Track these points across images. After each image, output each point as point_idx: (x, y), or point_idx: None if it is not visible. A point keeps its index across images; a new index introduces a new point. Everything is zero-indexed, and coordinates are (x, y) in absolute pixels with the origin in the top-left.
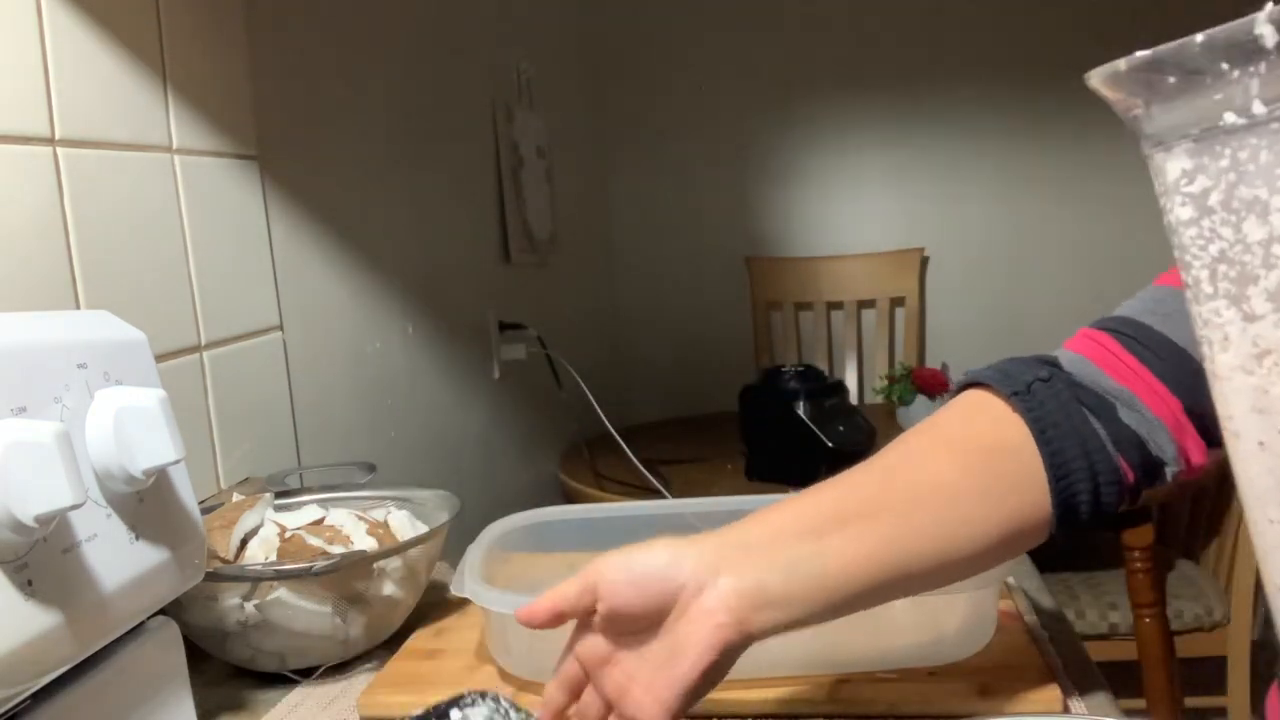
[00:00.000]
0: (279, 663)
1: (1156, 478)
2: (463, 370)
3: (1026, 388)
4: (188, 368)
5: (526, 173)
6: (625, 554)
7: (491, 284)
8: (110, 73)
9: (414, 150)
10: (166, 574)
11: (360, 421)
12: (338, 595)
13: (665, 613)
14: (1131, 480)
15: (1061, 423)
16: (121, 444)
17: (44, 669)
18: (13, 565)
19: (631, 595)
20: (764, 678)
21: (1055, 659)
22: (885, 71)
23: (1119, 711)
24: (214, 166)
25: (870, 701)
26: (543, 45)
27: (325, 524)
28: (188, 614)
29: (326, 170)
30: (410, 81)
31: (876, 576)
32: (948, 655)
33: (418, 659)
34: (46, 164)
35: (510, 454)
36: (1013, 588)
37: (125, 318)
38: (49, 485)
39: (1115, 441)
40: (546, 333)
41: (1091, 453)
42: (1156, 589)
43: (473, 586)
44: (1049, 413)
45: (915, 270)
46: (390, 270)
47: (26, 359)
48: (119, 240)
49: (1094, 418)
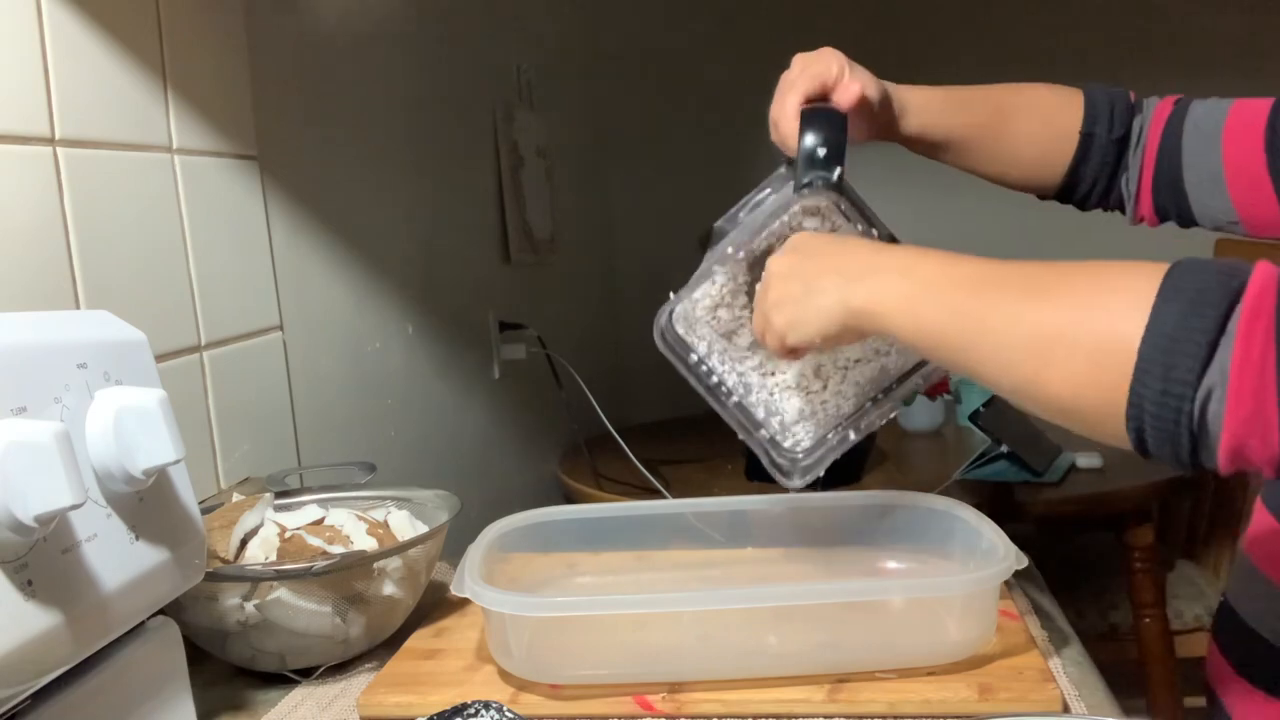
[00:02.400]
0: (279, 663)
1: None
2: (463, 370)
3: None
4: (188, 368)
5: (526, 173)
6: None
7: (491, 284)
8: (110, 73)
9: (414, 150)
10: (166, 574)
11: (360, 421)
12: (338, 595)
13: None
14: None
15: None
16: (121, 444)
17: (44, 669)
18: (13, 565)
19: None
20: (764, 678)
21: (1055, 659)
22: (885, 71)
23: (1119, 711)
24: (214, 166)
25: (870, 701)
26: (543, 45)
27: (325, 524)
28: (188, 614)
29: (326, 170)
30: (410, 81)
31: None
32: (948, 655)
33: (418, 659)
34: (46, 164)
35: (510, 454)
36: (1013, 588)
37: (125, 318)
38: (49, 485)
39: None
40: (546, 333)
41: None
42: (1156, 589)
43: (473, 586)
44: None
45: None
46: (390, 270)
47: (26, 359)
48: (119, 240)
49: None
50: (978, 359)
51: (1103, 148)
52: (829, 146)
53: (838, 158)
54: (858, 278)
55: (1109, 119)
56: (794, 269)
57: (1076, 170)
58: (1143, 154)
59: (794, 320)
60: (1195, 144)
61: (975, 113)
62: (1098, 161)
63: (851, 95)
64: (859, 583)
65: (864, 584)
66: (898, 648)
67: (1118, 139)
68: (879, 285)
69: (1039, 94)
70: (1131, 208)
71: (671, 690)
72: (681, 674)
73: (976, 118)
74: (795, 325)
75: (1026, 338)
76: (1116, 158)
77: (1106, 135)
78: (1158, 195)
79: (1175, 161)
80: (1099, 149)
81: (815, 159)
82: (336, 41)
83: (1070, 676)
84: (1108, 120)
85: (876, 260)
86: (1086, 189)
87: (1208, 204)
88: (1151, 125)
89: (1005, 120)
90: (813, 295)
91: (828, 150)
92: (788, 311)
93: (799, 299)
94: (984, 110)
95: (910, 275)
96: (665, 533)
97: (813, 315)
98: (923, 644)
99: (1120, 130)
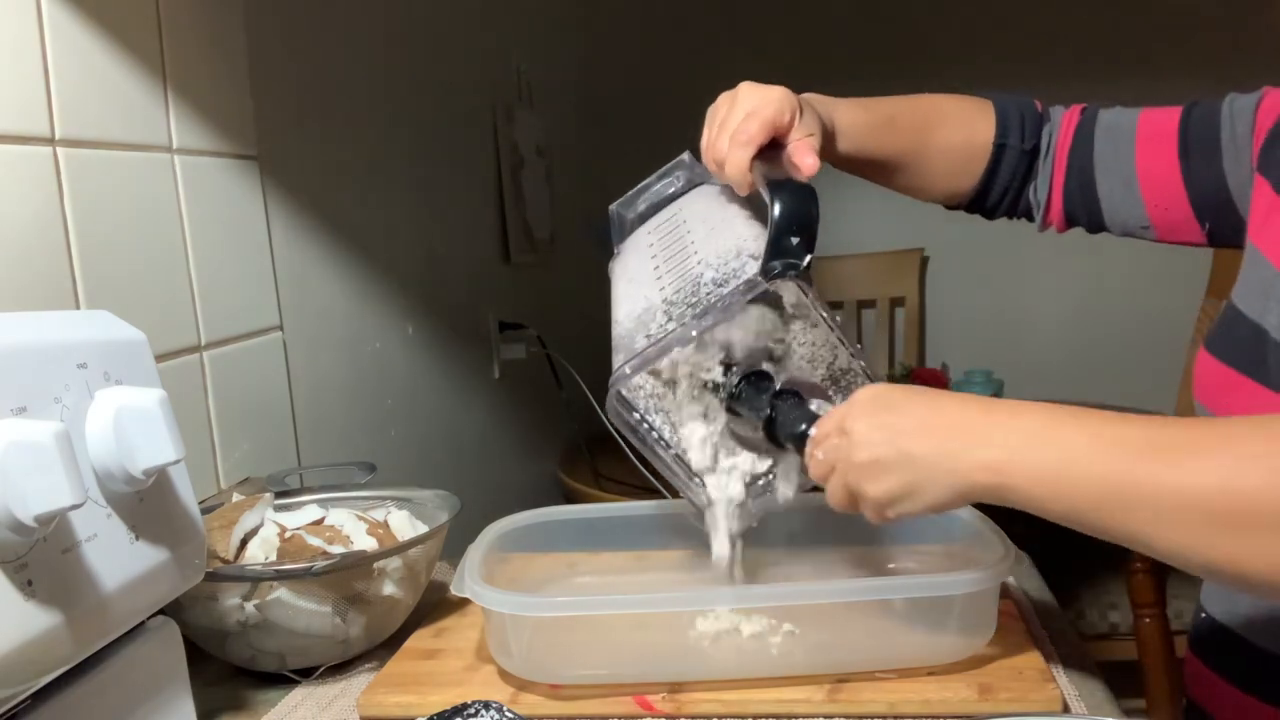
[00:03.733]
0: (279, 663)
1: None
2: (463, 370)
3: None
4: (188, 368)
5: (526, 173)
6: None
7: (491, 284)
8: (110, 73)
9: (414, 150)
10: (166, 574)
11: (360, 421)
12: (338, 595)
13: None
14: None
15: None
16: (121, 444)
17: (44, 669)
18: (13, 565)
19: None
20: (764, 678)
21: (1055, 659)
22: (885, 71)
23: (1119, 711)
24: (214, 166)
25: (870, 701)
26: (543, 45)
27: (325, 524)
28: (188, 614)
29: (326, 170)
30: (410, 81)
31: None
32: (948, 655)
33: (418, 659)
34: (46, 164)
35: (510, 454)
36: (1013, 588)
37: (125, 318)
38: (49, 485)
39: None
40: (546, 333)
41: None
42: (1156, 589)
43: (473, 586)
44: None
45: (915, 270)
46: (390, 270)
47: (26, 359)
48: (119, 240)
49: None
50: (1138, 528)
51: (1014, 158)
52: (803, 233)
53: (810, 244)
54: (978, 444)
55: (1020, 129)
56: (886, 430)
57: (989, 180)
58: (1053, 162)
59: (899, 493)
60: (1108, 149)
61: (899, 134)
62: (1009, 172)
63: (811, 167)
64: (859, 582)
65: (864, 584)
66: (898, 648)
67: (1029, 149)
68: (1009, 453)
69: (955, 106)
70: (1040, 215)
71: (671, 690)
72: (681, 674)
73: (900, 139)
74: (902, 498)
75: (1206, 509)
76: (1027, 168)
77: (1019, 145)
78: (1069, 201)
79: (1088, 166)
80: (1010, 160)
81: (787, 246)
82: (336, 42)
83: (1070, 676)
84: (1019, 131)
85: (991, 421)
86: (996, 199)
87: (1120, 208)
88: (1061, 133)
89: (927, 138)
90: (919, 464)
91: (800, 237)
92: (888, 482)
93: (900, 467)
94: (908, 130)
95: (1049, 441)
96: (665, 533)
97: (925, 487)
98: (923, 644)
99: (1031, 141)
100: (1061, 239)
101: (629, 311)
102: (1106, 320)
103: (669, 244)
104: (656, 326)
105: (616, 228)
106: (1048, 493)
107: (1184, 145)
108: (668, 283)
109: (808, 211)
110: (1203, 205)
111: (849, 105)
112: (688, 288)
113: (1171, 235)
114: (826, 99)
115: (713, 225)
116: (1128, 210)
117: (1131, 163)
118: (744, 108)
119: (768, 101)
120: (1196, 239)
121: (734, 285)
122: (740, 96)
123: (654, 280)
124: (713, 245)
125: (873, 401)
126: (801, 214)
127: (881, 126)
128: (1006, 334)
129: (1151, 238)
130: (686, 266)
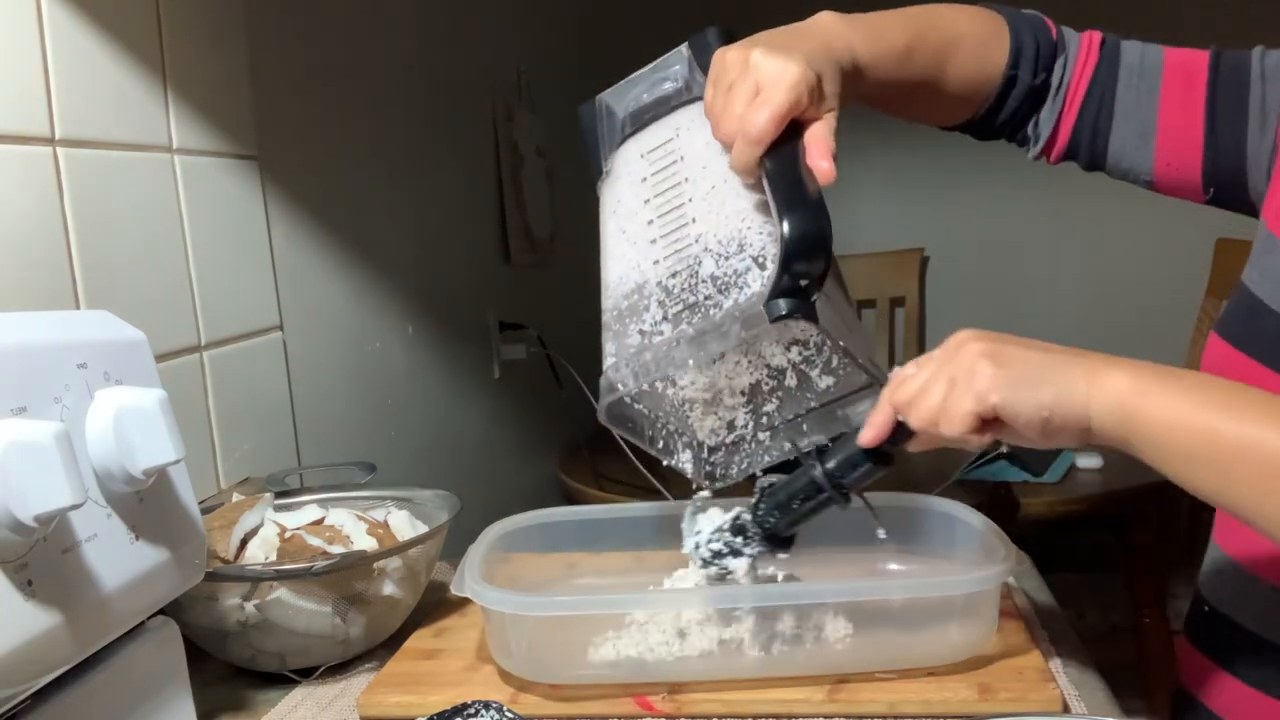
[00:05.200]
0: (279, 663)
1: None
2: (463, 370)
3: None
4: (188, 368)
5: (526, 173)
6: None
7: (491, 284)
8: (110, 73)
9: (414, 150)
10: (166, 574)
11: (360, 421)
12: (338, 595)
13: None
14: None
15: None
16: (121, 444)
17: (44, 669)
18: (13, 565)
19: None
20: (764, 678)
21: (1055, 659)
22: None
23: (1119, 711)
24: (214, 166)
25: (870, 701)
26: (543, 45)
27: (325, 524)
28: (188, 614)
29: (326, 170)
30: (410, 81)
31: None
32: (948, 655)
33: (418, 659)
34: (46, 164)
35: (510, 454)
36: (1013, 588)
37: (125, 318)
38: (49, 485)
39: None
40: (546, 333)
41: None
42: (1156, 589)
43: (473, 586)
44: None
45: (915, 270)
46: (390, 270)
47: (26, 359)
48: (119, 240)
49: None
50: (1236, 481)
51: (1022, 91)
52: (812, 270)
53: (820, 281)
54: (1113, 366)
55: (1033, 61)
56: (1004, 346)
57: (994, 110)
58: (1064, 99)
59: (1024, 377)
60: (1129, 95)
61: (915, 66)
62: (1014, 104)
63: (827, 175)
64: (859, 583)
65: (864, 584)
66: (898, 648)
67: (1039, 84)
68: (1145, 383)
69: (970, 28)
70: (1038, 147)
71: (671, 690)
72: (681, 674)
73: (915, 71)
74: (1024, 383)
75: None
76: (1033, 101)
77: (1029, 79)
78: (1075, 139)
79: (1107, 111)
80: (1019, 93)
81: (795, 287)
82: (336, 42)
83: (1070, 676)
84: (1032, 62)
85: (1097, 358)
86: (999, 127)
87: (1128, 156)
88: (1077, 68)
89: (941, 69)
90: (1055, 360)
91: (809, 278)
92: (1015, 364)
93: (1029, 358)
94: (923, 63)
95: (1158, 380)
96: (665, 533)
97: (1054, 378)
98: (923, 644)
99: (1042, 74)
100: (1063, 237)
101: (620, 278)
102: (1107, 320)
103: (665, 190)
104: (650, 322)
105: (605, 127)
106: (1163, 429)
107: (1212, 103)
108: (662, 255)
109: (817, 239)
110: (1215, 171)
111: (867, 35)
112: (685, 274)
113: (1170, 190)
114: (844, 28)
115: (713, 183)
116: (1135, 159)
117: (1154, 112)
118: (755, 80)
119: (783, 82)
120: (1194, 198)
121: (734, 301)
122: (753, 64)
123: (648, 244)
124: (713, 218)
125: (984, 331)
126: (811, 243)
127: (899, 58)
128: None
129: (1149, 187)
130: (684, 240)
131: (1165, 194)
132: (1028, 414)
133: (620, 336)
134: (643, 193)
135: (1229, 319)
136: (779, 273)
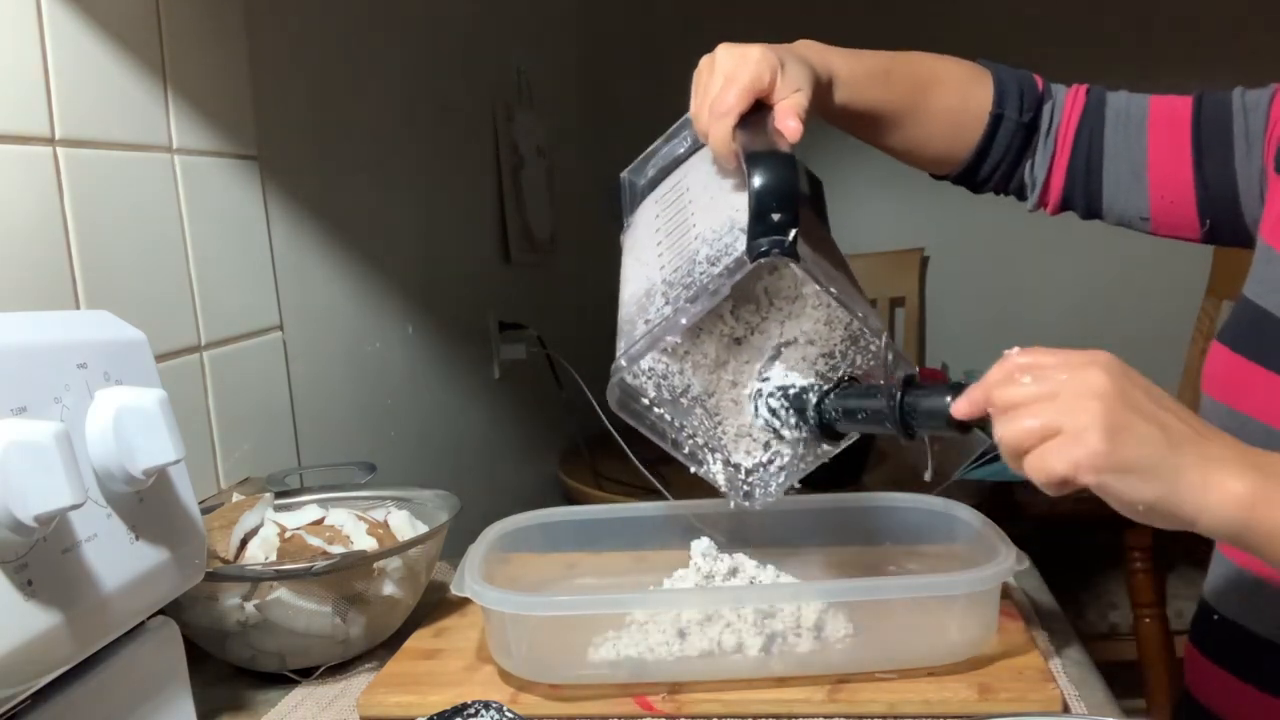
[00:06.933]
0: (279, 663)
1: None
2: (463, 370)
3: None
4: (188, 368)
5: (526, 173)
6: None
7: (491, 284)
8: (110, 73)
9: (414, 150)
10: (166, 574)
11: (360, 421)
12: (338, 595)
13: None
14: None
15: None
16: (121, 444)
17: (44, 669)
18: (13, 565)
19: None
20: (764, 678)
21: (1055, 659)
22: None
23: (1119, 711)
24: (214, 166)
25: (870, 701)
26: (543, 45)
27: (325, 524)
28: (188, 614)
29: (326, 170)
30: (410, 81)
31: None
32: (948, 655)
33: (417, 659)
34: (46, 164)
35: (510, 454)
36: (1013, 588)
37: (125, 318)
38: (49, 485)
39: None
40: (546, 333)
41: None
42: (1156, 589)
43: (473, 586)
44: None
45: (915, 270)
46: (390, 270)
47: (26, 359)
48: (119, 240)
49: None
50: None
51: (1011, 131)
52: (784, 207)
53: (793, 217)
54: (1219, 471)
55: (1019, 101)
56: (1146, 394)
57: (982, 152)
58: (1055, 142)
59: (1137, 463)
60: (1118, 135)
61: (895, 88)
62: (1004, 144)
63: (793, 131)
64: (859, 582)
65: (864, 584)
66: (898, 647)
67: (1027, 123)
68: (1254, 488)
69: (952, 69)
70: (1035, 195)
71: (671, 690)
72: (681, 674)
73: (895, 94)
74: (1133, 470)
75: None
76: (1023, 142)
77: (1016, 118)
78: (1070, 183)
79: (1096, 150)
80: (1007, 131)
81: (770, 223)
82: (336, 42)
83: (1070, 676)
84: (1017, 103)
85: (1216, 439)
86: (989, 171)
87: (1122, 196)
88: (1065, 112)
89: (923, 96)
90: (1160, 466)
91: (782, 212)
92: (1130, 447)
93: (1153, 439)
94: (903, 86)
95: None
96: (665, 533)
97: (1169, 475)
98: (923, 644)
99: (1029, 114)
100: (1063, 237)
101: (633, 293)
102: (1107, 320)
103: (671, 216)
104: (654, 310)
105: (628, 196)
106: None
107: (1197, 137)
108: (668, 260)
109: (786, 182)
110: (1208, 201)
111: (845, 54)
112: (684, 266)
113: (1168, 229)
114: (823, 47)
115: (712, 194)
116: (1130, 199)
117: (1143, 151)
118: (721, 72)
119: (744, 64)
120: (1191, 235)
121: (723, 264)
122: (718, 61)
123: (656, 258)
124: (710, 218)
125: (1117, 362)
126: (780, 186)
127: (878, 78)
128: (1006, 334)
129: (1146, 230)
130: (685, 242)
131: (1163, 235)
132: (1123, 501)
133: (628, 333)
134: (655, 225)
135: (1233, 329)
136: (752, 220)
